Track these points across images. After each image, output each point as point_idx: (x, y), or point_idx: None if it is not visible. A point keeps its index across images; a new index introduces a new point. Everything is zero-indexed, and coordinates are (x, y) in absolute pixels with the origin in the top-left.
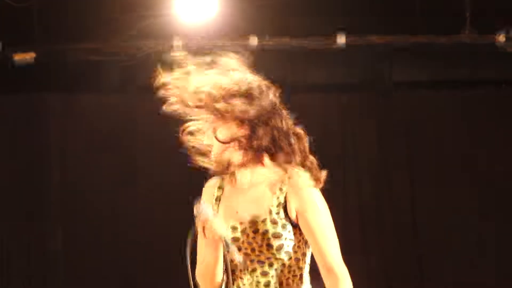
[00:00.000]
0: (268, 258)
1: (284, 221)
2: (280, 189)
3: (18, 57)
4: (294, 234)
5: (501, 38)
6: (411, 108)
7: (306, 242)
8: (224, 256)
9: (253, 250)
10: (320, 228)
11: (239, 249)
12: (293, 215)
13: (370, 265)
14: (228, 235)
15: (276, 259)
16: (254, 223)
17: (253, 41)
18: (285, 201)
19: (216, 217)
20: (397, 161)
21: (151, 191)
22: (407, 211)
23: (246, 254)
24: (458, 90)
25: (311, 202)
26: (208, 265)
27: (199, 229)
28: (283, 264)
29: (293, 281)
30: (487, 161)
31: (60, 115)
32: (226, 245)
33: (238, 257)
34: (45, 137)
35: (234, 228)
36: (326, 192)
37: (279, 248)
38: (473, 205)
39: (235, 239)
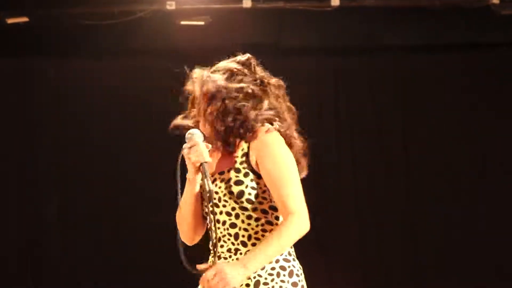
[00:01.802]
0: (233, 209)
1: (247, 170)
2: (246, 141)
3: (11, 21)
4: (258, 183)
5: (495, 0)
6: (405, 72)
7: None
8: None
9: (219, 199)
10: (276, 170)
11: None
12: (253, 163)
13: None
14: (209, 161)
15: (241, 208)
16: (222, 173)
17: (247, 4)
18: (248, 150)
19: (204, 144)
20: (392, 125)
21: (149, 155)
22: (401, 177)
23: (216, 205)
24: (452, 53)
25: (268, 146)
26: (187, 205)
27: (185, 153)
28: (250, 216)
29: (263, 235)
30: (484, 124)
31: (54, 79)
32: (203, 172)
33: (210, 185)
34: (40, 101)
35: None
36: (319, 159)
37: (240, 195)
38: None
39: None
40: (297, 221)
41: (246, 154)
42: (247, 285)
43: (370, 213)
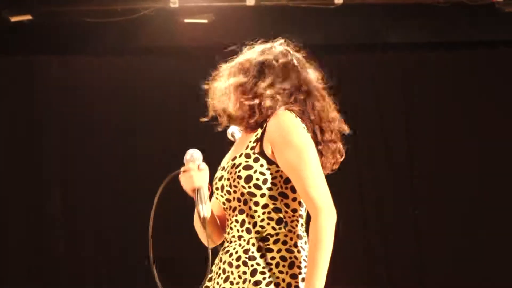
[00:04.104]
0: (242, 194)
1: (257, 155)
2: (261, 127)
3: (15, 19)
4: (268, 169)
5: None
6: (408, 69)
7: (285, 181)
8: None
9: (230, 185)
10: (296, 161)
11: (223, 188)
12: (268, 150)
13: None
14: (205, 189)
15: (249, 194)
16: (234, 159)
17: (250, 1)
18: (262, 136)
19: (202, 169)
20: (396, 123)
21: (149, 153)
22: (405, 176)
23: (228, 192)
24: (456, 51)
25: (284, 131)
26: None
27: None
28: (257, 202)
29: (268, 224)
30: (487, 123)
31: (58, 78)
32: (199, 196)
33: (204, 212)
34: (43, 99)
35: (222, 168)
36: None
37: (248, 179)
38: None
39: (221, 178)
40: (327, 218)
41: (260, 140)
42: (244, 272)
43: (374, 213)
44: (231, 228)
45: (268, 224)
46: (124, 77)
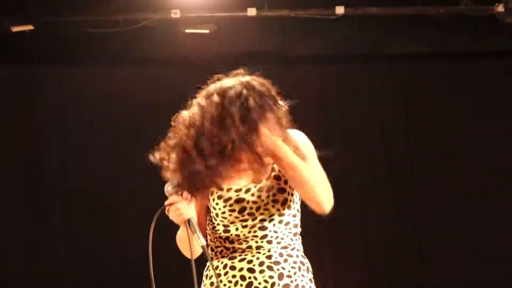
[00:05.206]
0: (270, 215)
1: (285, 178)
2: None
3: (16, 30)
4: (291, 187)
5: (500, 8)
6: (409, 80)
7: (298, 199)
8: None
9: (258, 208)
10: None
11: (244, 209)
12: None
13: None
14: (194, 217)
15: (279, 215)
16: (258, 181)
17: (252, 12)
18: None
19: (187, 198)
20: (396, 133)
21: (150, 163)
22: (406, 186)
23: (250, 214)
24: (457, 62)
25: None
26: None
27: (167, 209)
28: (281, 221)
29: (287, 236)
30: (487, 133)
31: (58, 87)
32: (191, 227)
33: (202, 241)
34: (44, 109)
35: (238, 190)
36: (323, 166)
37: (285, 202)
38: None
39: (240, 200)
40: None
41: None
42: (271, 276)
43: (374, 213)
44: (244, 241)
45: (287, 236)
46: (125, 87)
